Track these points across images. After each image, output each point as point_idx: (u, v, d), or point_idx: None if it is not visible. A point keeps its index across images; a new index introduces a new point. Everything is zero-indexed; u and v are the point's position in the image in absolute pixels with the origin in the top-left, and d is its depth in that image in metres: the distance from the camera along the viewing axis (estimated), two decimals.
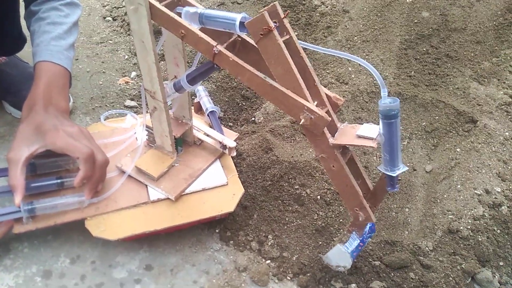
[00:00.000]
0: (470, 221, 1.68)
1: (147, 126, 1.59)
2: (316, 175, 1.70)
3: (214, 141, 1.68)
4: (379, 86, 2.14)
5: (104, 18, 2.87)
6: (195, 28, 1.11)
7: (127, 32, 2.74)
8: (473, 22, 2.21)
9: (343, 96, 1.99)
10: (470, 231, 1.66)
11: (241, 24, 1.06)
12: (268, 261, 1.58)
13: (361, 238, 1.34)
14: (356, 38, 2.28)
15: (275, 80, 1.08)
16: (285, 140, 1.83)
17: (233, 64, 1.09)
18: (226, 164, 1.66)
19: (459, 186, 1.78)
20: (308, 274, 1.53)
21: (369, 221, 1.22)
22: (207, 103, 1.77)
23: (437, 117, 2.00)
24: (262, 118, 2.00)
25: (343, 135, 1.12)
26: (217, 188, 1.58)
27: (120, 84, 2.35)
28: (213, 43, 1.10)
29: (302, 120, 1.07)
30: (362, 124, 1.11)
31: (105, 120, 1.82)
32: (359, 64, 1.29)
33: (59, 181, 1.46)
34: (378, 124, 1.08)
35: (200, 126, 1.69)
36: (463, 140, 1.92)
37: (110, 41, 2.68)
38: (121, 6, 2.91)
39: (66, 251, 1.51)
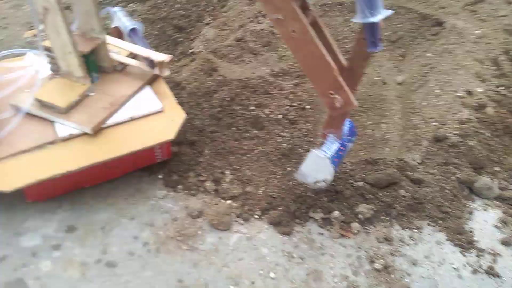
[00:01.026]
0: (456, 126, 1.45)
1: (45, 48, 1.20)
2: (274, 92, 1.38)
3: (139, 63, 1.31)
4: None
5: None
6: None
7: None
8: None
9: None
10: (459, 137, 1.42)
11: None
12: (229, 201, 1.25)
13: (340, 142, 1.05)
14: None
15: None
16: (231, 62, 1.51)
17: None
18: (159, 90, 1.31)
19: (437, 91, 1.54)
20: (280, 208, 1.22)
21: (349, 106, 0.92)
22: (126, 22, 1.40)
23: (400, 25, 1.76)
24: (201, 46, 1.66)
25: None
26: (150, 116, 1.22)
27: (26, 37, 1.96)
28: None
29: None
30: None
31: None
32: None
33: None
34: None
35: (121, 46, 1.31)
36: (433, 44, 1.69)
37: None
38: None
39: None
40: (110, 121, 1.17)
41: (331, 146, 1.01)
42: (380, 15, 0.80)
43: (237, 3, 1.79)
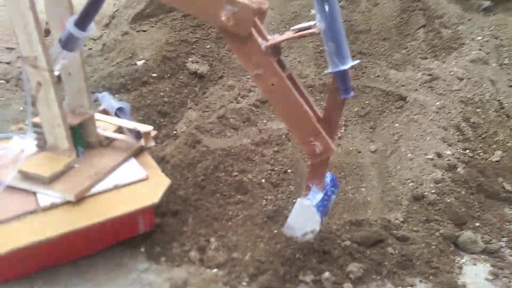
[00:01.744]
0: (432, 185, 1.50)
1: (34, 124, 1.25)
2: (256, 158, 1.43)
3: (125, 136, 1.36)
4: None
5: None
6: None
7: (23, 88, 2.45)
8: (375, 23, 2.31)
9: None
10: (436, 195, 1.47)
11: None
12: (215, 270, 1.20)
13: (324, 191, 1.08)
14: None
15: None
16: (214, 137, 1.58)
17: None
18: (144, 161, 1.34)
19: (409, 155, 1.63)
20: (269, 272, 1.17)
21: (329, 152, 0.97)
22: (114, 103, 1.49)
23: (367, 101, 1.92)
24: (184, 127, 1.75)
25: (277, 37, 0.93)
26: (135, 184, 1.23)
27: (12, 130, 2.03)
28: None
29: (223, 18, 0.86)
30: None
31: None
32: None
33: None
34: None
35: (107, 120, 1.38)
36: (398, 116, 1.84)
37: (2, 98, 2.38)
38: (18, 66, 2.65)
39: None
40: (94, 190, 1.17)
41: (316, 195, 1.04)
42: (349, 63, 0.90)
43: (217, 89, 1.94)
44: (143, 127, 1.31)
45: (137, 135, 1.31)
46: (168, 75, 1.99)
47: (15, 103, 2.31)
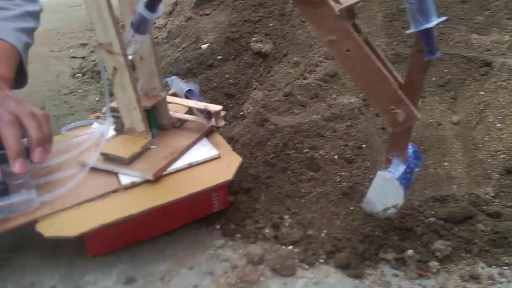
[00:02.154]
0: None
1: (111, 108, 1.31)
2: (327, 134, 1.38)
3: (196, 117, 1.38)
4: None
5: (74, 75, 2.76)
6: None
7: (97, 80, 2.61)
8: None
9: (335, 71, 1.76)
10: None
11: None
12: (290, 247, 1.18)
13: (406, 164, 1.00)
14: None
15: None
16: (281, 114, 1.55)
17: None
18: (215, 141, 1.35)
19: (499, 125, 1.47)
20: (347, 250, 1.13)
21: (413, 119, 0.90)
22: (183, 86, 1.52)
23: (446, 70, 1.77)
24: (251, 108, 1.73)
25: None
26: (208, 162, 1.25)
27: (91, 119, 2.18)
28: None
29: None
30: None
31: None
32: None
33: None
34: None
35: (178, 102, 1.41)
36: (483, 83, 1.67)
37: (80, 90, 2.55)
38: (92, 60, 2.82)
39: (15, 280, 1.11)
40: (170, 169, 1.21)
41: (398, 167, 0.97)
42: (435, 21, 0.81)
43: (282, 67, 1.90)
44: (214, 107, 1.32)
45: (208, 115, 1.32)
46: (233, 56, 1.99)
47: (91, 94, 2.46)
